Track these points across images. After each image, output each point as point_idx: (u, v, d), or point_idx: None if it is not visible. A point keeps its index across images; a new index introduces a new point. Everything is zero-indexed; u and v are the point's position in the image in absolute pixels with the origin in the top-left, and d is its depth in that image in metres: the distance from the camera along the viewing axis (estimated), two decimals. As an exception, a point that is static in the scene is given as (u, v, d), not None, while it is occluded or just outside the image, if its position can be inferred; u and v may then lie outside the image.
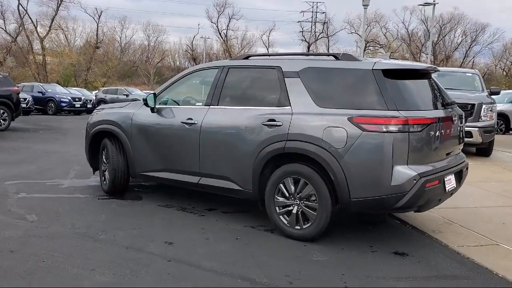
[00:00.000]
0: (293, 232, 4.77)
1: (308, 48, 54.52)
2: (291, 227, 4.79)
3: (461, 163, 5.09)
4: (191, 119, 5.51)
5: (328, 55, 5.09)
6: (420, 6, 45.36)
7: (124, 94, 31.33)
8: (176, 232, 4.97)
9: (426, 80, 4.95)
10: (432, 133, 4.44)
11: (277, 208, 4.88)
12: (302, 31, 57.82)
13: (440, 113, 4.65)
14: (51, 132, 15.75)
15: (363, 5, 22.35)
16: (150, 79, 68.03)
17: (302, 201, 4.71)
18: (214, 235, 4.89)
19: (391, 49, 56.47)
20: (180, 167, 5.68)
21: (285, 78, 4.94)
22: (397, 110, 4.30)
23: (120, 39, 70.88)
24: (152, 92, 6.26)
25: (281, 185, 4.82)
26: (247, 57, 5.51)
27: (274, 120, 4.82)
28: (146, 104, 5.83)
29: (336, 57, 4.86)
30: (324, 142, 4.48)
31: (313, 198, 4.64)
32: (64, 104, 26.21)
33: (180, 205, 6.02)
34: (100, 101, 31.14)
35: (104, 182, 6.57)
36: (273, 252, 4.47)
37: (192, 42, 56.71)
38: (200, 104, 5.73)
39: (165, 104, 6.00)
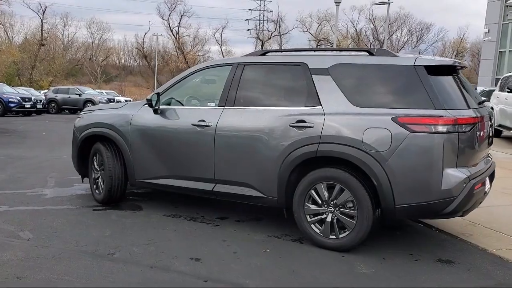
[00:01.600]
0: (327, 242, 4.41)
1: (262, 46, 54.38)
2: (325, 237, 4.42)
3: (492, 164, 4.90)
4: (203, 121, 5.04)
5: (361, 50, 4.76)
6: (367, 6, 46.33)
7: (77, 94, 29.90)
8: (197, 245, 4.50)
9: (457, 78, 4.71)
10: (477, 133, 4.20)
11: (307, 216, 4.51)
12: (256, 30, 57.68)
13: (478, 112, 4.42)
14: (8, 135, 14.63)
15: (335, 2, 22.55)
16: (98, 78, 65.84)
17: (337, 209, 4.35)
18: (240, 248, 4.46)
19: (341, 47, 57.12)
20: (191, 173, 5.20)
21: (312, 76, 4.56)
22: (445, 109, 4.03)
23: (63, 36, 68.23)
24: (153, 93, 5.72)
25: (313, 191, 4.45)
26: (264, 53, 5.09)
27: (303, 121, 4.44)
28: (150, 105, 5.29)
29: (370, 52, 4.53)
30: (365, 145, 4.14)
31: (350, 205, 4.30)
32: (12, 105, 24.59)
33: (187, 214, 5.53)
34: (51, 101, 29.69)
35: (97, 191, 5.97)
36: (314, 266, 4.09)
37: (143, 40, 55.24)
38: (213, 104, 5.26)
39: (168, 104, 5.49)
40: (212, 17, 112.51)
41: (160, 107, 5.37)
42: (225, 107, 5.00)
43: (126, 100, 37.70)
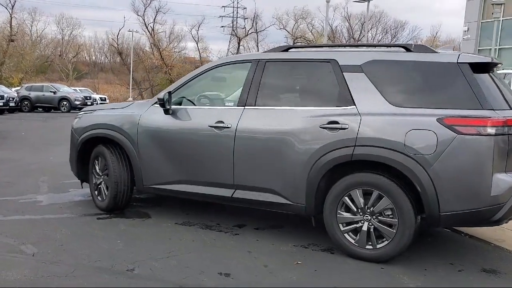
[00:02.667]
0: (363, 253, 4.10)
1: (238, 43, 53.92)
2: (360, 247, 4.11)
3: None
4: (221, 122, 4.66)
5: (395, 46, 4.46)
6: (342, 4, 46.43)
7: (51, 91, 28.91)
8: (222, 258, 4.13)
9: (493, 75, 4.45)
10: (524, 134, 3.94)
11: (340, 225, 4.19)
12: (231, 27, 57.13)
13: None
14: (-16, 135, 13.91)
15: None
16: (69, 75, 64.16)
17: (374, 217, 4.04)
18: (269, 260, 4.11)
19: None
20: (207, 179, 4.82)
21: (343, 73, 4.24)
22: (493, 110, 3.75)
23: (31, 32, 66.19)
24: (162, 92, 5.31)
25: (346, 198, 4.13)
26: (286, 49, 4.74)
27: (336, 123, 4.11)
28: (163, 104, 4.88)
29: (407, 48, 4.23)
30: (408, 148, 3.84)
31: (389, 212, 3.99)
32: (-15, 103, 23.66)
33: (201, 222, 5.15)
34: (23, 99, 28.62)
35: (99, 198, 5.53)
36: (355, 279, 3.78)
37: (117, 36, 53.99)
38: (231, 104, 4.88)
39: (179, 104, 5.09)
40: (188, 13, 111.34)
41: (172, 107, 4.97)
42: (246, 107, 4.63)
43: (101, 98, 36.81)
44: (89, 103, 30.18)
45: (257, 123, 4.52)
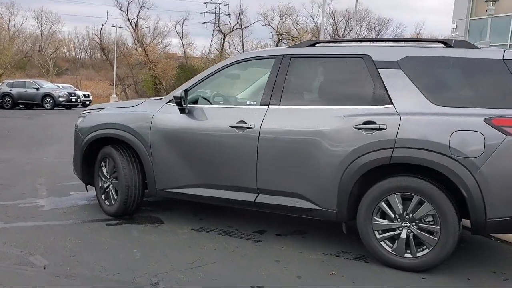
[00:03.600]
0: (401, 262, 3.84)
1: (224, 39, 53.43)
2: (398, 256, 3.85)
3: None
4: (244, 122, 4.36)
5: (433, 41, 4.20)
6: (327, 1, 46.26)
7: (34, 88, 28.16)
8: (250, 268, 3.84)
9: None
10: None
11: (376, 232, 3.93)
12: (214, 23, 56.61)
13: None
14: (-31, 134, 13.36)
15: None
16: (50, 71, 62.88)
17: (414, 223, 3.79)
18: (301, 270, 3.83)
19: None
20: (227, 182, 4.51)
21: (378, 70, 3.97)
22: (544, 109, 3.52)
23: (8, 27, 64.63)
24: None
25: (383, 203, 3.87)
26: (313, 44, 4.45)
27: (373, 123, 3.85)
28: (179, 103, 4.55)
29: (447, 43, 3.98)
30: (453, 150, 3.59)
31: (430, 219, 3.74)
32: (-35, 100, 22.89)
33: (218, 227, 4.85)
34: (5, 96, 27.87)
35: (107, 202, 5.18)
36: (399, 292, 3.52)
37: (100, 31, 52.95)
38: (253, 103, 4.58)
39: (194, 103, 4.77)
40: (172, 9, 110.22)
41: (188, 105, 4.65)
42: (270, 106, 4.34)
43: (84, 95, 36.07)
44: (73, 100, 29.57)
45: (283, 123, 4.23)
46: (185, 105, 4.59)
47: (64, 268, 3.75)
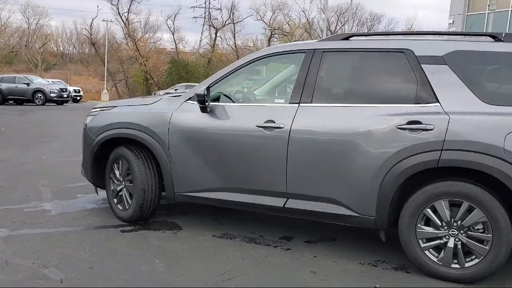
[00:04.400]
0: (448, 273, 3.57)
1: (216, 34, 52.92)
2: (445, 266, 3.58)
3: None
4: (272, 121, 4.05)
5: (480, 35, 3.92)
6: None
7: (24, 83, 27.57)
8: (286, 281, 3.55)
9: None
10: None
11: (420, 241, 3.64)
12: (205, 17, 56.11)
13: None
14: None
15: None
16: (38, 66, 61.96)
17: (462, 231, 3.51)
18: (342, 283, 3.54)
19: (294, 37, 56.73)
20: (253, 186, 4.20)
21: (422, 65, 3.68)
22: None
23: (-6, 21, 63.48)
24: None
25: (429, 210, 3.58)
26: (347, 38, 4.14)
27: (419, 123, 3.56)
28: (202, 101, 4.23)
29: (496, 37, 3.69)
30: (508, 153, 3.31)
31: (480, 226, 3.47)
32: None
33: (241, 233, 4.55)
34: (-6, 91, 27.25)
35: (120, 207, 4.86)
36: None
37: (90, 26, 52.11)
38: (282, 101, 4.27)
39: (215, 100, 4.46)
40: (163, 3, 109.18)
41: (210, 104, 4.34)
42: (301, 104, 4.03)
43: (75, 90, 35.48)
44: (65, 96, 29.01)
45: (316, 123, 3.93)
46: (207, 103, 4.27)
47: (83, 282, 3.43)
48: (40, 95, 27.27)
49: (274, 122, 4.05)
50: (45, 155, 8.83)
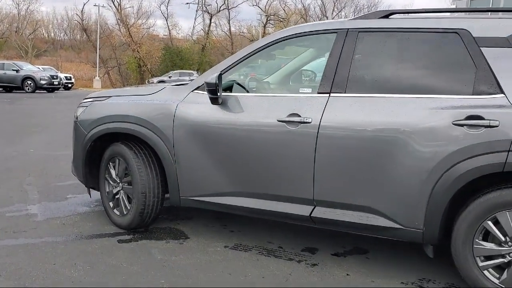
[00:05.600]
0: (512, 297, 2.97)
1: (210, 20, 51.95)
2: (509, 289, 2.98)
3: None
4: (297, 115, 3.42)
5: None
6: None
7: (14, 70, 26.66)
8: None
9: None
10: None
11: (477, 258, 3.04)
12: (198, 3, 55.04)
13: None
14: None
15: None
16: (29, 52, 60.78)
17: (531, 249, 2.91)
18: (386, 311, 2.94)
19: (290, 23, 55.86)
20: (273, 191, 3.59)
21: (481, 48, 3.05)
22: None
23: (-17, 7, 62.21)
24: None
25: (490, 223, 2.98)
26: (386, 16, 3.49)
27: (480, 118, 2.94)
28: (213, 90, 3.58)
29: None
30: None
31: (554, 243, 2.87)
32: None
33: (257, 244, 3.94)
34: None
35: (117, 212, 4.24)
36: None
37: (82, 11, 50.94)
38: (308, 90, 3.64)
39: (228, 90, 3.82)
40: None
41: (223, 94, 3.70)
42: (332, 95, 3.40)
43: (66, 77, 34.60)
44: (55, 83, 28.16)
45: (351, 117, 3.30)
46: (219, 94, 3.62)
47: (74, 312, 2.80)
48: (30, 82, 26.41)
49: (300, 116, 3.42)
50: (33, 147, 8.15)
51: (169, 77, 41.32)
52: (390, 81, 3.36)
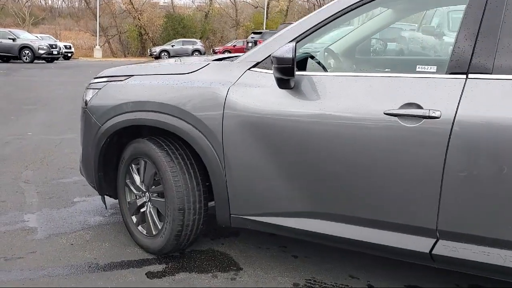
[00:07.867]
0: None
1: (210, 5, 49.87)
2: None
3: None
4: (416, 105, 2.31)
5: None
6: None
7: (10, 38, 25.27)
8: None
9: None
10: None
11: None
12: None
13: None
14: None
15: None
16: (26, 20, 58.99)
17: None
18: None
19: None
20: (370, 214, 2.50)
21: None
22: None
23: (-24, -29, 59.92)
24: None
25: None
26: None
27: None
28: (288, 69, 2.44)
29: None
30: None
31: None
32: None
33: (336, 279, 2.88)
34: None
35: (142, 230, 3.18)
36: None
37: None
38: (432, 69, 2.49)
39: (302, 67, 2.70)
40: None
41: (297, 73, 2.56)
42: (471, 76, 2.27)
43: (65, 46, 33.23)
44: (55, 52, 26.83)
45: (506, 111, 2.18)
46: (293, 75, 2.49)
47: None
48: (28, 51, 25.09)
49: (421, 108, 2.30)
50: (31, 130, 7.04)
51: (172, 46, 39.91)
52: None
